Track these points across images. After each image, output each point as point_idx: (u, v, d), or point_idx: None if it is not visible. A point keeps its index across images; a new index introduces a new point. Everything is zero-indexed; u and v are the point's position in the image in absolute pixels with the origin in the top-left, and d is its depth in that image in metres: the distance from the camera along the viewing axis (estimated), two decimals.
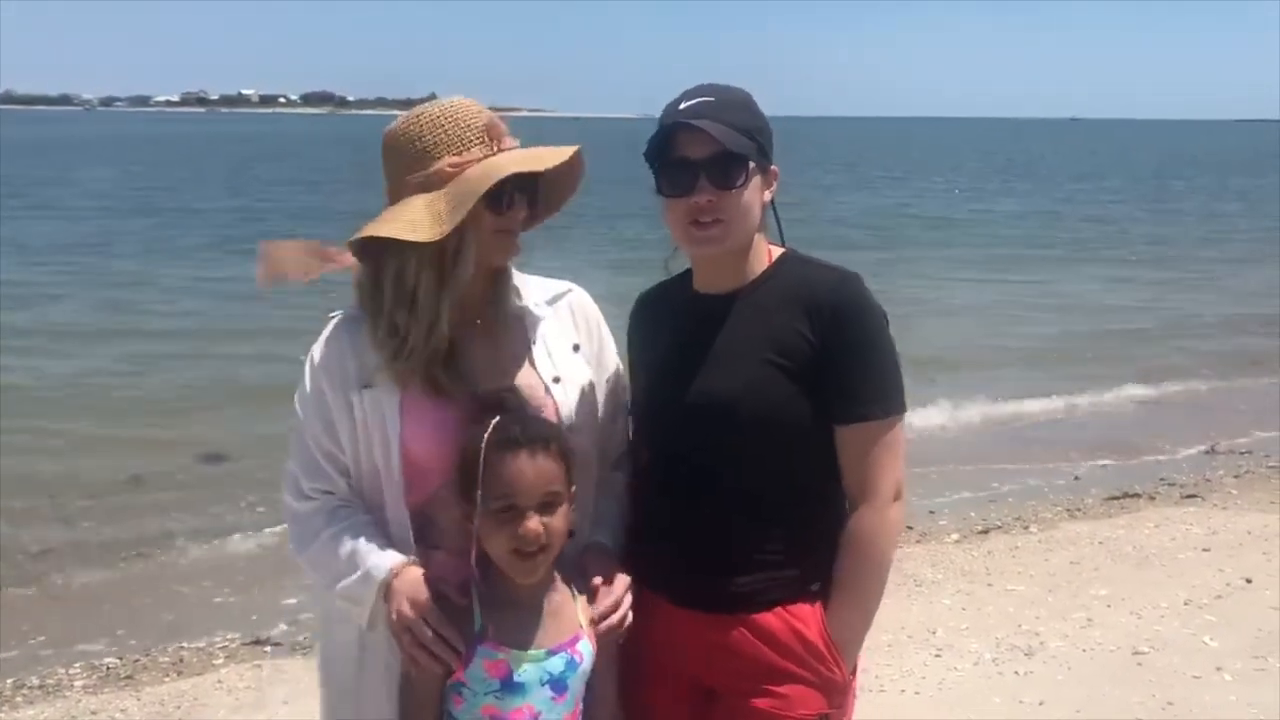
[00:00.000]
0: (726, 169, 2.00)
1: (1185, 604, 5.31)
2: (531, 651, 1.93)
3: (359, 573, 1.99)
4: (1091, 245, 23.44)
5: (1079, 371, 11.63)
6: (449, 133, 2.00)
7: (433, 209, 1.97)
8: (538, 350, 2.14)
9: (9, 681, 4.93)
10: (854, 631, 2.07)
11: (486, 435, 1.91)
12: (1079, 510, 7.20)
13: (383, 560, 1.99)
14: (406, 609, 1.93)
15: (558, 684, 1.93)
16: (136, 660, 5.16)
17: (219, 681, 4.78)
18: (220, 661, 5.09)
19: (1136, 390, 10.87)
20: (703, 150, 1.99)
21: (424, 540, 2.05)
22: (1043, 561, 6.05)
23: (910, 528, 6.91)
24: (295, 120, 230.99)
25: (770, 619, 2.04)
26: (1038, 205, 34.41)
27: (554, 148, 2.02)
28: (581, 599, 2.00)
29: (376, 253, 2.03)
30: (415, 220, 1.96)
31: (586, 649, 1.97)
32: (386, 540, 2.03)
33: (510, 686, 1.91)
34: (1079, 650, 4.83)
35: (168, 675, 4.94)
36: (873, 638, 2.15)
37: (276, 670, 4.87)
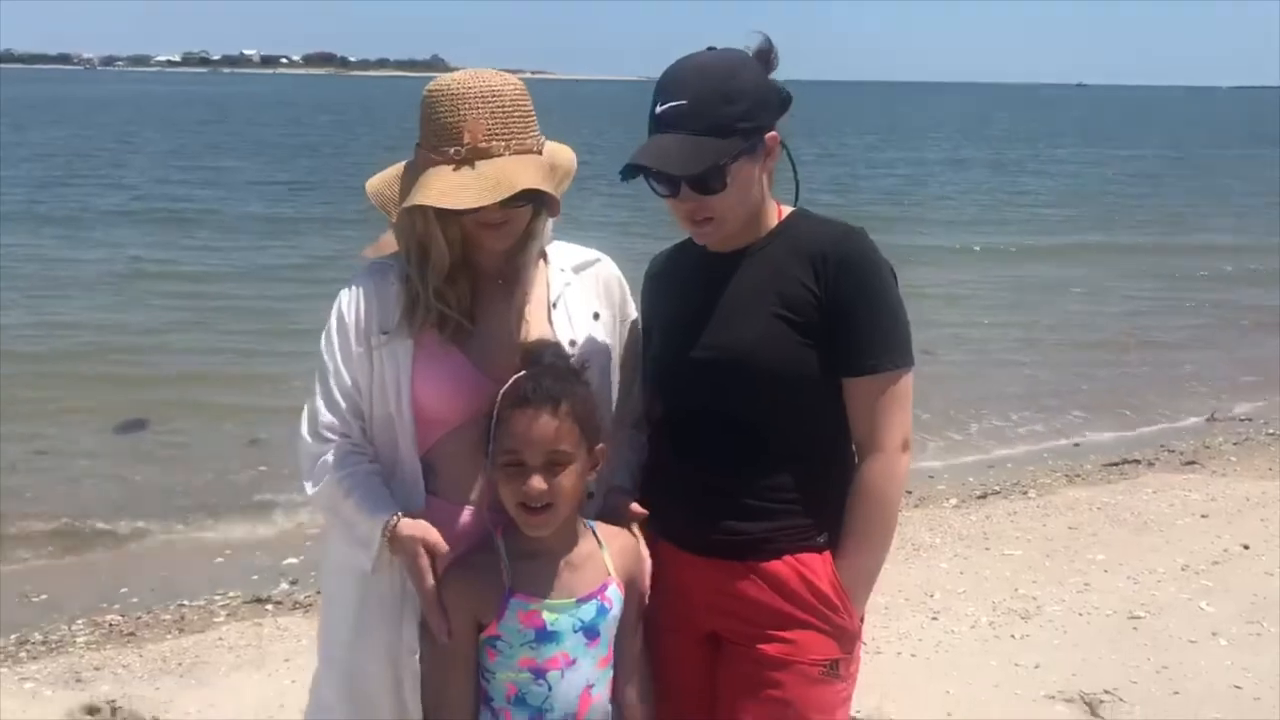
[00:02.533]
0: (704, 180, 2.02)
1: (1182, 569, 5.33)
2: (562, 600, 1.99)
3: (365, 517, 2.04)
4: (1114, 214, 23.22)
5: (1082, 338, 11.62)
6: (439, 121, 2.02)
7: (404, 187, 2.05)
8: (558, 314, 2.19)
9: (13, 638, 4.96)
10: (863, 579, 2.10)
11: (504, 390, 1.96)
12: (1078, 476, 7.23)
13: (387, 506, 2.04)
14: (421, 554, 2.00)
15: (590, 630, 2.00)
16: (138, 618, 5.20)
17: (220, 639, 4.81)
18: (221, 619, 5.11)
19: (1137, 357, 10.86)
20: (670, 170, 2.01)
21: (426, 488, 2.10)
22: (1041, 526, 6.07)
23: (909, 492, 6.94)
24: (300, 81, 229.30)
25: (780, 567, 2.07)
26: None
27: (500, 181, 1.97)
28: (609, 546, 2.06)
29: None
30: (392, 188, 2.09)
31: (616, 595, 2.04)
32: (391, 489, 2.09)
33: (545, 636, 1.97)
34: (1076, 614, 4.85)
35: (169, 632, 4.97)
36: (869, 600, 2.17)
37: (278, 628, 4.90)
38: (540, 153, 2.08)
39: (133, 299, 12.79)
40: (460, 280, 2.10)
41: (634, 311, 2.32)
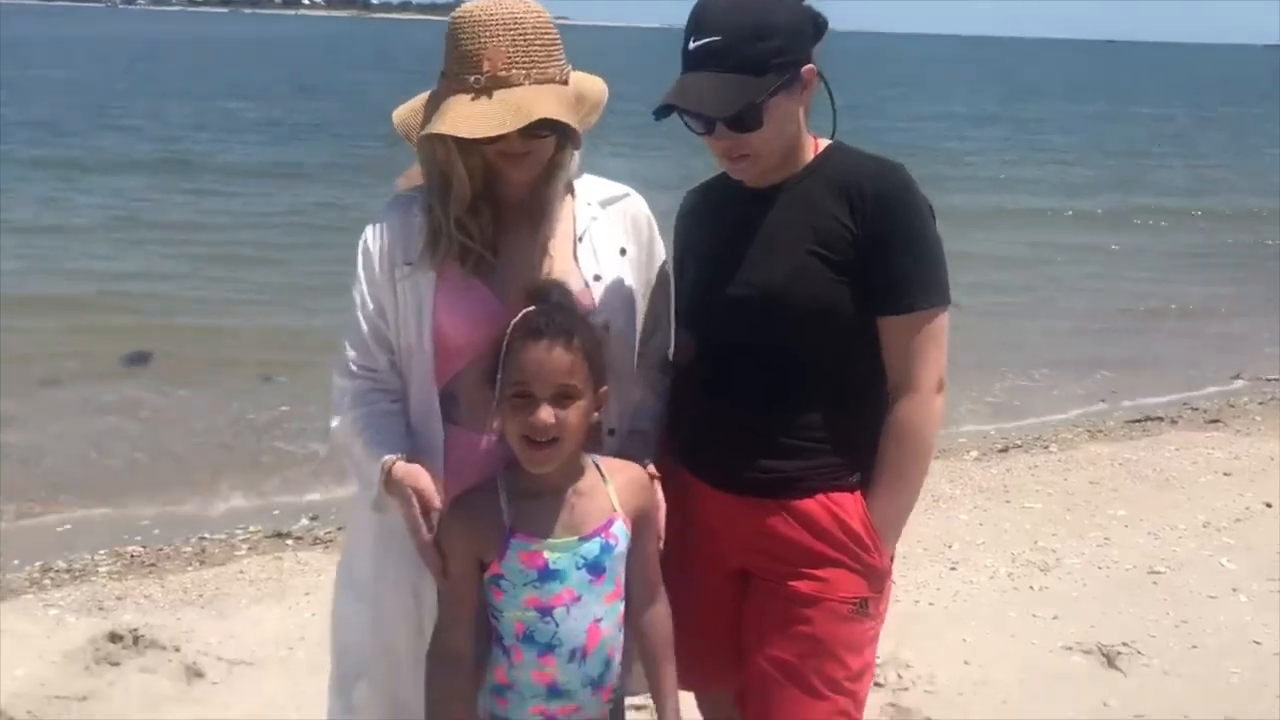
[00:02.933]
0: (739, 119, 1.98)
1: (1204, 526, 5.31)
2: (564, 540, 1.96)
3: (370, 457, 2.05)
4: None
5: (1107, 300, 11.50)
6: (461, 49, 1.98)
7: (426, 117, 2.02)
8: (583, 248, 2.15)
9: (37, 564, 5.00)
10: (895, 518, 2.09)
11: (514, 322, 1.92)
12: (1100, 431, 7.18)
13: (391, 448, 2.04)
14: (412, 501, 1.99)
15: (594, 566, 1.97)
16: (160, 549, 5.23)
17: (241, 572, 4.84)
18: (242, 553, 5.14)
19: (1161, 319, 10.76)
20: (705, 111, 1.97)
21: (447, 417, 2.11)
22: (1061, 480, 6.04)
23: None
24: (319, 23, 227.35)
25: (811, 505, 2.05)
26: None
27: (518, 110, 1.93)
28: (614, 481, 2.02)
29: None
30: (417, 117, 2.05)
31: (621, 531, 2.00)
32: (403, 427, 2.10)
33: (547, 575, 1.95)
34: (1095, 568, 4.84)
35: (190, 564, 5.00)
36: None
37: (298, 563, 4.93)
38: (565, 83, 2.04)
39: (131, 246, 12.59)
40: (482, 211, 2.07)
41: (661, 250, 2.28)
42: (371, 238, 2.14)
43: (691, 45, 1.99)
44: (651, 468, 2.12)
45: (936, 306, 2.04)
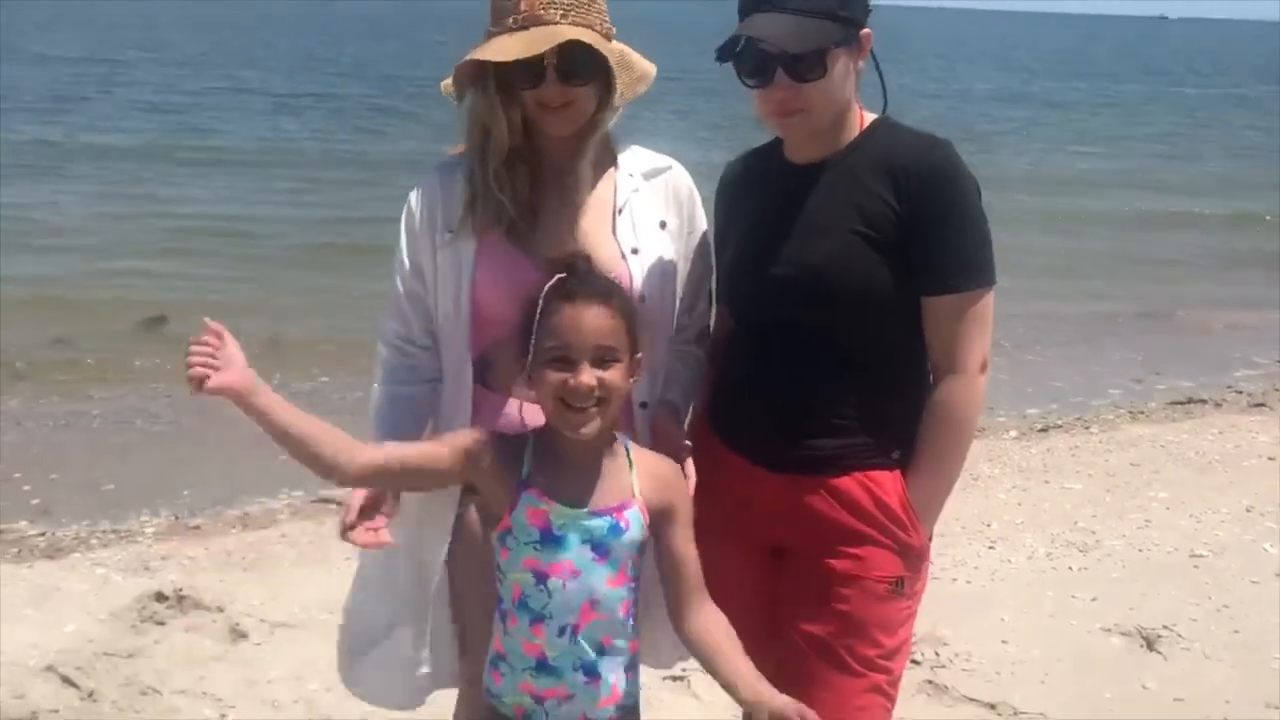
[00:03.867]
0: (802, 64, 1.96)
1: (1247, 511, 5.26)
2: (573, 509, 1.90)
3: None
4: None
5: (1154, 285, 11.31)
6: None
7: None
8: (622, 220, 2.16)
9: (84, 523, 5.12)
10: (934, 498, 2.08)
11: (549, 285, 1.90)
12: (1141, 413, 7.13)
13: (390, 436, 2.10)
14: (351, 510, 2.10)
15: (599, 546, 1.90)
16: (204, 512, 5.32)
17: (283, 535, 4.92)
18: (284, 517, 5.22)
19: (1210, 303, 10.58)
20: (777, 44, 1.94)
21: (482, 382, 2.15)
22: (1102, 461, 6.02)
23: None
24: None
25: (849, 483, 2.05)
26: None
27: (548, 36, 1.98)
28: (639, 467, 1.96)
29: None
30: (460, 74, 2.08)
31: (635, 517, 1.93)
32: (416, 412, 2.20)
33: (549, 539, 1.89)
34: (1135, 550, 4.82)
35: (233, 528, 5.09)
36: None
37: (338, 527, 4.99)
38: (606, 37, 2.06)
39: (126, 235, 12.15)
40: (519, 169, 2.10)
41: (703, 223, 2.28)
42: (415, 200, 2.19)
43: None
44: (690, 467, 2.08)
45: (982, 287, 2.03)
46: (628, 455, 1.98)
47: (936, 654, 3.86)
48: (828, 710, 1.98)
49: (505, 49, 1.97)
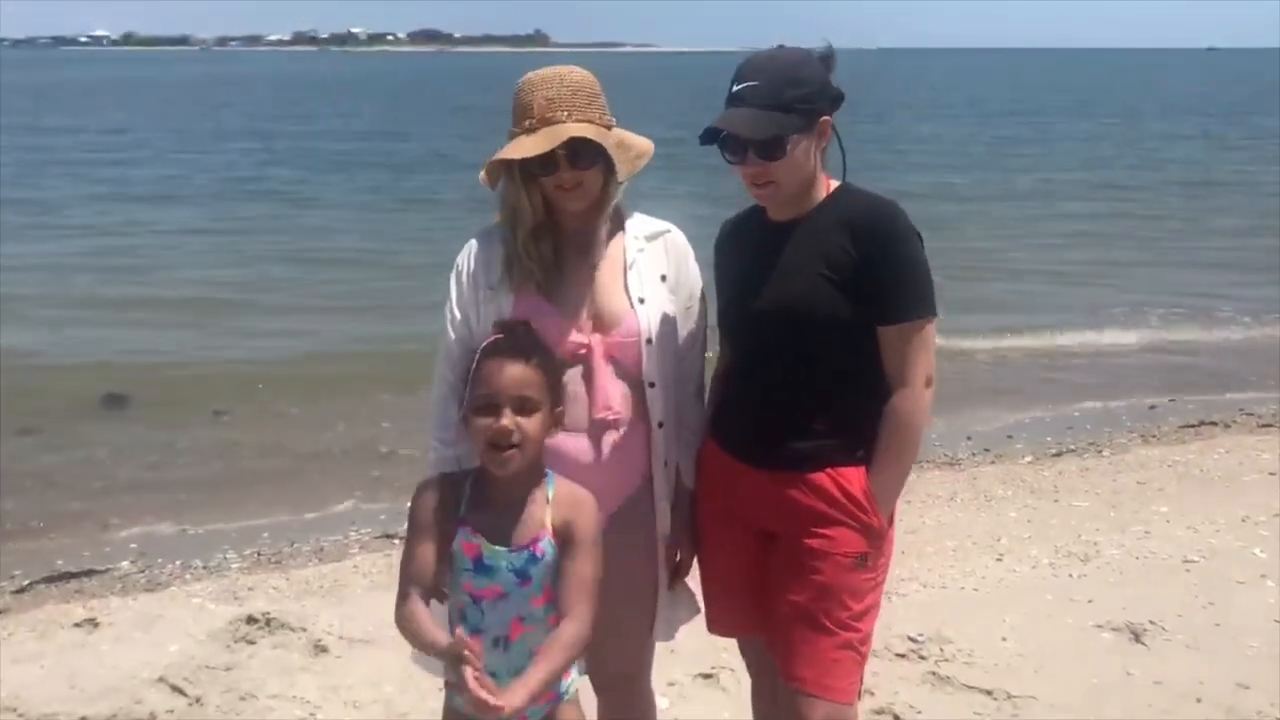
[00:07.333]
0: (768, 147, 2.47)
1: (1242, 520, 5.60)
2: (498, 547, 2.29)
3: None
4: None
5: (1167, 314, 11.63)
6: (518, 103, 2.55)
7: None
8: (632, 275, 2.65)
9: (177, 562, 5.72)
10: (890, 488, 2.56)
11: (482, 345, 2.33)
12: (1153, 436, 7.49)
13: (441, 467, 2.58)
14: None
15: (522, 573, 2.29)
16: (283, 549, 5.91)
17: (355, 566, 5.46)
18: (355, 551, 5.79)
19: (1227, 328, 10.93)
20: (741, 133, 2.47)
21: None
22: (1110, 481, 6.38)
23: (985, 450, 7.31)
24: (409, 59, 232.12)
25: (822, 477, 2.53)
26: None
27: (555, 135, 2.47)
28: (556, 498, 2.33)
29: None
30: (493, 165, 2.57)
31: (548, 546, 2.30)
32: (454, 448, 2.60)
33: (481, 567, 2.29)
34: (1133, 558, 5.18)
35: (310, 561, 5.65)
36: (939, 544, 2.61)
37: None
38: (606, 128, 2.58)
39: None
40: (544, 239, 2.58)
41: (697, 276, 2.76)
42: (463, 260, 2.65)
43: (735, 88, 2.51)
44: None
45: (924, 318, 2.52)
46: (548, 491, 2.34)
47: (941, 650, 4.26)
48: (811, 663, 2.52)
49: (524, 147, 2.48)
